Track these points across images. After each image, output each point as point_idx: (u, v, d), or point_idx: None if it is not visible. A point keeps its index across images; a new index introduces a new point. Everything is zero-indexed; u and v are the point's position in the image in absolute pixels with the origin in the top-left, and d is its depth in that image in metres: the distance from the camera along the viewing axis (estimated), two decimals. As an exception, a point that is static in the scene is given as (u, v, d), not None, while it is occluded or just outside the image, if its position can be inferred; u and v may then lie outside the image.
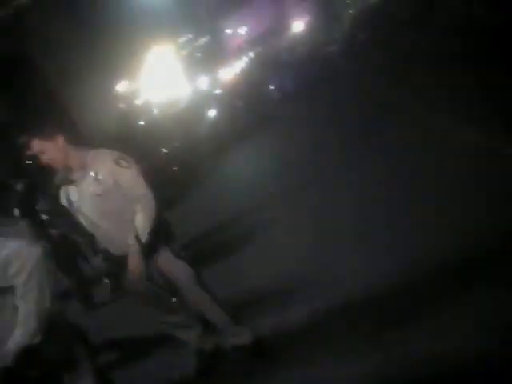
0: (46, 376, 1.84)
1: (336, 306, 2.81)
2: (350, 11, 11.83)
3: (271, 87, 9.36)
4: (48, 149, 2.38)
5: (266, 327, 2.89)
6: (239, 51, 10.69)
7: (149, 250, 2.48)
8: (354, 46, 9.59)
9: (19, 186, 4.54)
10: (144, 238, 2.44)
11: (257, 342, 2.80)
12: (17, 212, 4.23)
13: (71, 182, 2.51)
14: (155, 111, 9.52)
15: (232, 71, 9.85)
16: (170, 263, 2.59)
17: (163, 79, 10.42)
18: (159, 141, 8.45)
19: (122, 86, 11.27)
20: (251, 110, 8.29)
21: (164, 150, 8.56)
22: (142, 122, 9.47)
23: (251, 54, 10.43)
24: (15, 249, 1.79)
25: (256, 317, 2.98)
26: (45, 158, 2.40)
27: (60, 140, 2.41)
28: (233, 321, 2.79)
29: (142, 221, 2.45)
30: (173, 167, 7.06)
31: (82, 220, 2.55)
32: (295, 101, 8.22)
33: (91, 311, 4.57)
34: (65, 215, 4.10)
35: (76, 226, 2.61)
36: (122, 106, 10.70)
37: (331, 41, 10.84)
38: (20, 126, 8.50)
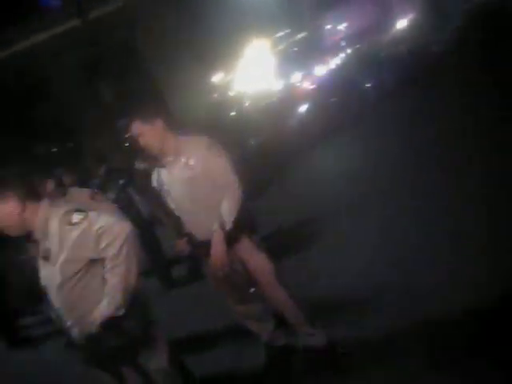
0: (124, 349, 1.91)
1: (413, 322, 2.63)
2: (464, 9, 10.87)
3: (367, 85, 9.01)
4: (147, 132, 2.47)
5: (340, 333, 2.77)
6: (336, 47, 10.39)
7: (232, 238, 2.48)
8: (464, 48, 8.85)
9: (101, 171, 4.82)
10: (228, 225, 2.45)
11: (330, 346, 2.70)
12: None
13: (164, 166, 2.59)
14: (247, 103, 9.64)
15: (327, 67, 9.64)
16: (251, 254, 2.58)
17: (258, 72, 10.52)
18: (248, 132, 8.56)
19: (217, 78, 11.58)
20: (344, 107, 8.06)
21: (252, 142, 8.66)
22: (233, 113, 9.67)
23: (349, 51, 10.10)
24: (108, 223, 1.87)
25: (330, 321, 2.87)
26: (142, 141, 2.50)
27: (159, 124, 2.50)
28: (308, 321, 2.72)
29: (227, 208, 2.46)
30: (259, 159, 7.10)
31: (170, 203, 2.62)
32: (391, 101, 7.83)
33: (168, 291, 4.74)
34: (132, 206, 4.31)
35: (163, 208, 2.69)
36: (215, 96, 11.00)
37: (437, 40, 10.11)
38: (122, 110, 9.12)
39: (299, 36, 11.13)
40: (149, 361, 1.95)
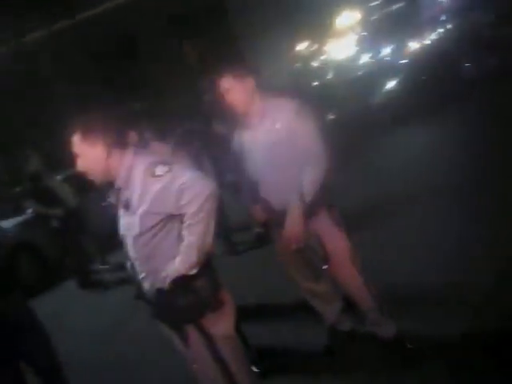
0: (191, 308, 1.88)
1: (476, 321, 2.46)
2: None
3: (467, 65, 8.24)
4: (236, 87, 2.37)
5: (406, 327, 2.58)
6: (435, 21, 9.57)
7: (310, 210, 2.34)
8: None
9: (179, 130, 4.82)
10: (308, 196, 2.30)
11: (400, 338, 2.54)
12: None
13: (247, 128, 2.49)
14: (331, 75, 9.29)
15: (422, 42, 8.93)
16: (327, 230, 2.43)
17: (345, 43, 10.05)
18: (329, 105, 8.28)
19: (302, 46, 11.25)
20: (438, 86, 7.44)
21: (332, 115, 8.37)
22: (315, 84, 9.38)
23: (448, 26, 9.26)
24: (192, 178, 1.81)
25: (399, 313, 2.67)
26: (230, 98, 2.40)
27: (249, 82, 2.39)
28: (378, 309, 2.56)
29: (309, 178, 2.30)
30: (338, 133, 6.82)
31: (250, 167, 2.52)
32: (493, 84, 7.07)
33: (232, 257, 4.75)
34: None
35: (241, 172, 2.59)
36: (299, 65, 10.73)
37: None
38: (206, 70, 9.20)
39: (394, 7, 10.38)
40: (215, 326, 1.90)
